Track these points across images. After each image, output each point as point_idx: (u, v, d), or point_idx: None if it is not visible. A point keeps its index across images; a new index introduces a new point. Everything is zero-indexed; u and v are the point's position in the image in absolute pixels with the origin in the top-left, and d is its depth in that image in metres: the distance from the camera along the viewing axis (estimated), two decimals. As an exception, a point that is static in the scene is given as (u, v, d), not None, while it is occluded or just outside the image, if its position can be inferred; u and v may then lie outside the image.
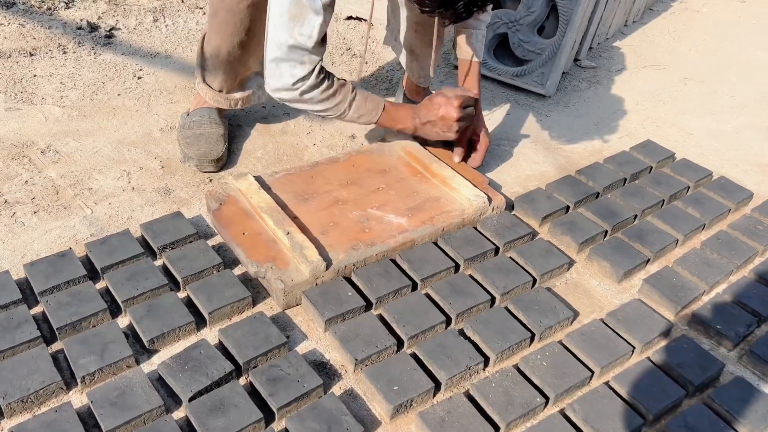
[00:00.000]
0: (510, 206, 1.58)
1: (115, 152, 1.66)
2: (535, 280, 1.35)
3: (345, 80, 1.45)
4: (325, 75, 1.40)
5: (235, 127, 1.80)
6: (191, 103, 1.73)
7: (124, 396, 1.03)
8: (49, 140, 1.67)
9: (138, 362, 1.13)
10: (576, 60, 2.32)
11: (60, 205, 1.47)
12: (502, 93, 2.11)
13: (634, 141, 1.90)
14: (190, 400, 1.04)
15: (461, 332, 1.21)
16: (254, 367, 1.12)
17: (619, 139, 1.92)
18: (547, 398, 1.10)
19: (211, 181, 1.59)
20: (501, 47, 2.19)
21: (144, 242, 1.37)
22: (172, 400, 1.07)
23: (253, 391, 1.08)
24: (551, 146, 1.86)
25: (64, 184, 1.53)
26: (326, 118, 1.62)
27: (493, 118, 1.97)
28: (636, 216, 1.56)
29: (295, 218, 1.39)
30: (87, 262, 1.31)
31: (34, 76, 1.94)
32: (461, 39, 1.59)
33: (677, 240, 1.49)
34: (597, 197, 1.63)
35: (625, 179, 1.69)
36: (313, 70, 1.36)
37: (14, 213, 1.43)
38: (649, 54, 2.49)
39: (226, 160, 1.65)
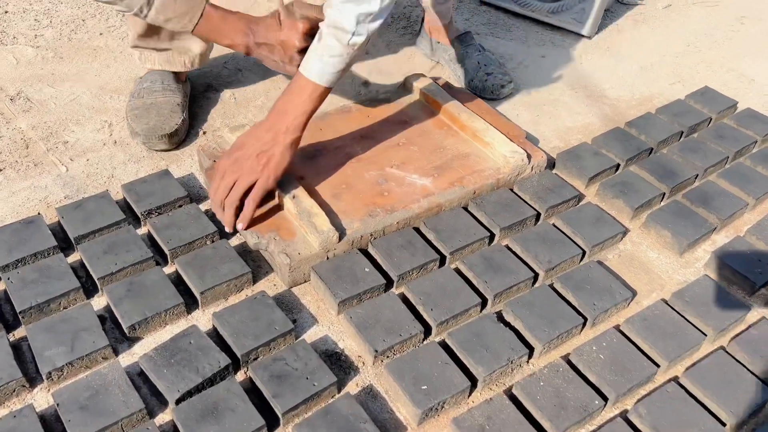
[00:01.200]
0: (551, 164, 1.36)
1: (95, 100, 1.45)
2: (584, 253, 1.15)
3: None
4: None
5: (233, 72, 1.57)
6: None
7: (97, 397, 0.85)
8: (19, 86, 1.46)
9: (116, 352, 0.95)
10: (618, -4, 2.05)
11: (30, 162, 1.27)
12: (536, 32, 1.86)
13: (688, 88, 1.66)
14: (178, 402, 0.87)
15: (500, 317, 1.02)
16: (255, 359, 0.94)
17: (670, 85, 1.68)
18: (606, 399, 0.92)
19: (205, 133, 1.38)
20: (534, -20, 1.92)
21: (126, 206, 1.17)
22: (156, 400, 0.89)
23: (253, 389, 0.90)
24: (594, 94, 1.62)
25: (35, 136, 1.33)
26: (126, 16, 1.29)
27: (525, 61, 1.73)
28: (697, 175, 1.35)
29: (301, 179, 1.19)
30: (59, 229, 1.12)
31: (6, 12, 1.70)
32: None
33: (747, 204, 1.28)
34: (650, 153, 1.41)
35: (682, 132, 1.46)
36: None
37: (-24, 171, 1.23)
38: (699, -11, 2.21)
39: (184, 135, 1.35)
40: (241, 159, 1.08)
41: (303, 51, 1.10)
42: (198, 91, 1.49)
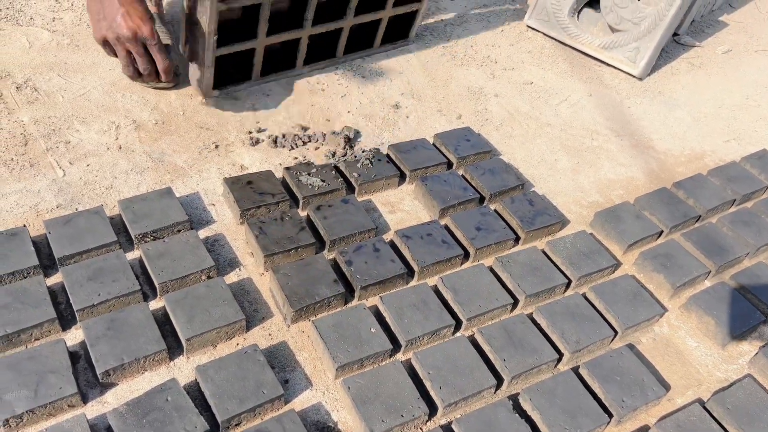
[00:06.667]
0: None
1: (106, 97, 1.35)
2: (616, 334, 1.04)
3: None
4: None
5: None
6: None
7: (55, 456, 0.76)
8: (28, 73, 1.37)
9: (86, 398, 0.85)
10: (675, 35, 1.91)
11: (26, 161, 1.17)
12: (583, 67, 1.73)
13: (744, 148, 1.53)
14: (144, 472, 0.77)
15: (516, 404, 0.91)
16: (237, 425, 0.84)
17: (725, 143, 1.55)
18: None
19: (217, 147, 1.28)
20: (590, 7, 1.78)
21: (120, 224, 1.08)
22: (121, 464, 0.80)
23: (230, 462, 0.80)
24: (640, 144, 1.50)
25: (36, 132, 1.24)
26: None
27: (571, 98, 1.60)
28: (748, 253, 1.22)
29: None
30: (44, 244, 1.02)
31: (27, -11, 1.62)
32: None
33: (802, 294, 1.15)
34: (697, 221, 1.29)
35: (735, 200, 1.34)
36: None
37: (-32, 166, 1.14)
38: (763, 35, 2.06)
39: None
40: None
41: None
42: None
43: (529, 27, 1.83)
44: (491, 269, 1.09)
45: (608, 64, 1.74)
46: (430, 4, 1.86)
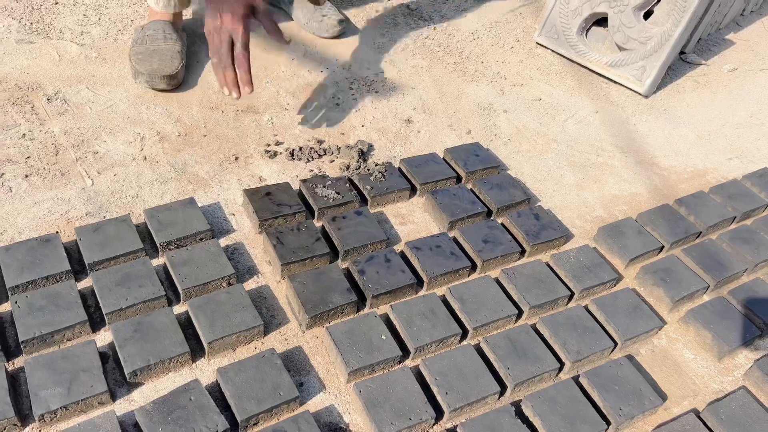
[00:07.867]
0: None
1: (131, 109, 1.42)
2: (615, 344, 1.08)
3: None
4: None
5: (273, 94, 1.53)
6: (147, 18, 1.57)
7: (87, 449, 0.81)
8: (59, 85, 1.44)
9: (114, 396, 0.91)
10: (681, 53, 1.96)
11: (57, 170, 1.24)
12: (591, 84, 1.78)
13: (746, 166, 1.57)
14: (169, 466, 0.83)
15: (518, 410, 0.96)
16: (255, 425, 0.90)
17: (727, 161, 1.59)
18: None
19: (237, 159, 1.34)
20: (598, 26, 1.83)
21: (146, 232, 1.14)
22: (147, 458, 0.85)
23: (248, 459, 0.86)
24: (645, 160, 1.54)
25: (66, 143, 1.30)
26: None
27: (577, 114, 1.65)
28: (746, 270, 1.26)
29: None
30: (75, 249, 1.09)
31: (56, 3, 1.69)
32: None
33: (798, 310, 1.19)
34: (698, 237, 1.33)
35: (735, 217, 1.38)
36: None
37: (2, 174, 1.21)
38: (769, 53, 2.10)
39: (182, 79, 1.49)
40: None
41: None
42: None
43: (539, 44, 1.88)
44: (497, 281, 1.14)
45: (615, 82, 1.79)
46: (442, 22, 1.91)
